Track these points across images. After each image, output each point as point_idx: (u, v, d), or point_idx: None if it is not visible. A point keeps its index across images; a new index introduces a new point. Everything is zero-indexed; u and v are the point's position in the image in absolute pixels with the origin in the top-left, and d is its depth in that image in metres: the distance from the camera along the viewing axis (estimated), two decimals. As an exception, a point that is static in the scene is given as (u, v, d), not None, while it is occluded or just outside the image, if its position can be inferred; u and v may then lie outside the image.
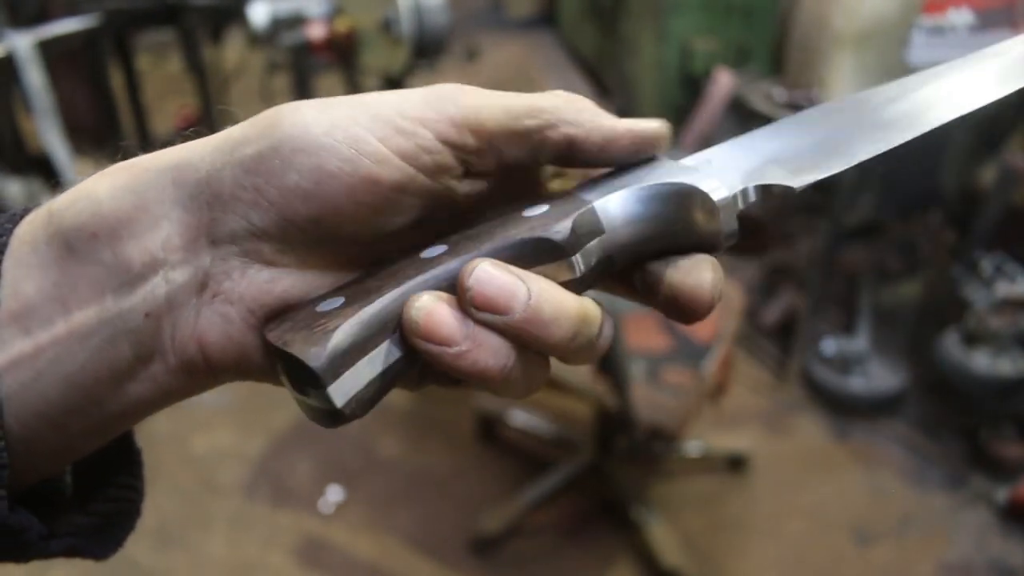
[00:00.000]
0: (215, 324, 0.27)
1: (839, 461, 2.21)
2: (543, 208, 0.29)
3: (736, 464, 2.16)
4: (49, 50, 2.54)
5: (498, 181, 0.31)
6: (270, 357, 0.28)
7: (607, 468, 2.05)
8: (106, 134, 3.44)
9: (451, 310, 0.26)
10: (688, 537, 1.95)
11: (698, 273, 0.29)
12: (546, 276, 0.28)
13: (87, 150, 3.11)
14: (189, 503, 2.07)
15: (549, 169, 0.34)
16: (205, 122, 3.99)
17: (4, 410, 0.25)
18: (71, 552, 0.29)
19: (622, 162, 0.31)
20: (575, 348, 0.28)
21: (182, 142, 0.29)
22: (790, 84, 2.73)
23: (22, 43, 2.39)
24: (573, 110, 0.30)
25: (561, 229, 0.28)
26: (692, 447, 2.17)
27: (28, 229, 0.27)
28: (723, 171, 0.31)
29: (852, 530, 1.99)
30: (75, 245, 0.26)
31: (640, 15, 3.96)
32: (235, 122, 0.30)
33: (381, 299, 0.27)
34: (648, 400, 1.69)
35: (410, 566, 1.90)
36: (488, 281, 0.26)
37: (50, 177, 2.40)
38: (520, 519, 1.96)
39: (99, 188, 0.27)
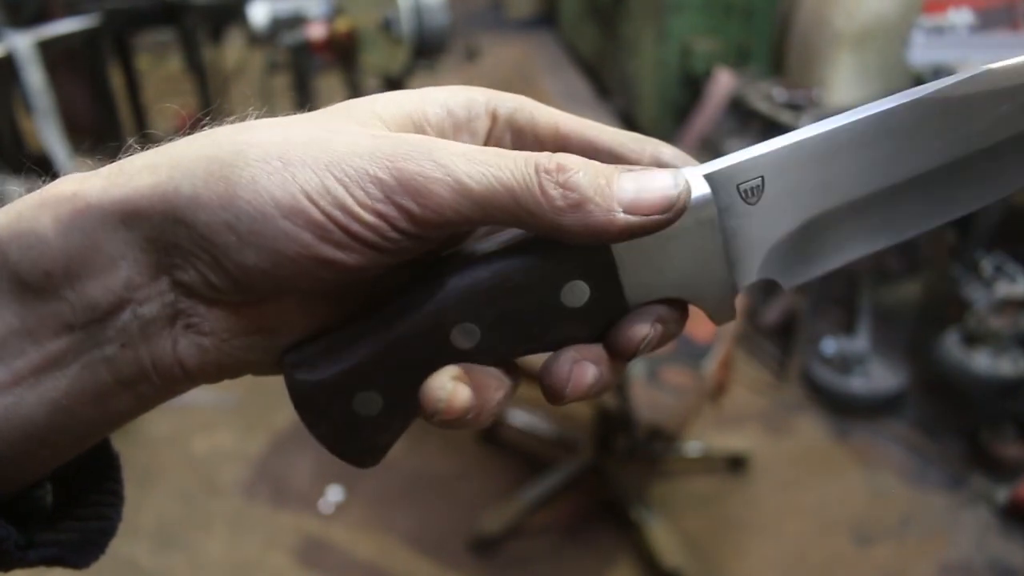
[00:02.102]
0: (192, 352, 0.27)
1: (839, 461, 2.21)
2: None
3: (736, 464, 2.16)
4: (49, 50, 2.54)
5: None
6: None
7: (607, 468, 2.05)
8: (106, 134, 3.44)
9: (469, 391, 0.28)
10: (688, 537, 1.95)
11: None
12: None
13: (87, 150, 3.11)
14: (189, 504, 2.07)
15: None
16: (204, 122, 4.00)
17: None
18: (51, 561, 0.28)
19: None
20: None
21: (124, 156, 0.28)
22: (790, 84, 2.73)
23: (22, 43, 2.39)
24: (558, 207, 0.27)
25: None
26: (692, 447, 2.17)
27: None
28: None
29: (852, 530, 1.98)
30: (31, 282, 0.25)
31: (640, 15, 3.96)
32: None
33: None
34: (648, 400, 1.69)
35: (410, 566, 1.90)
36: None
37: (50, 177, 2.40)
38: (520, 519, 1.96)
39: (43, 223, 0.25)
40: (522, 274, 0.28)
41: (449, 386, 0.28)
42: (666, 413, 1.68)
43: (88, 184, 0.26)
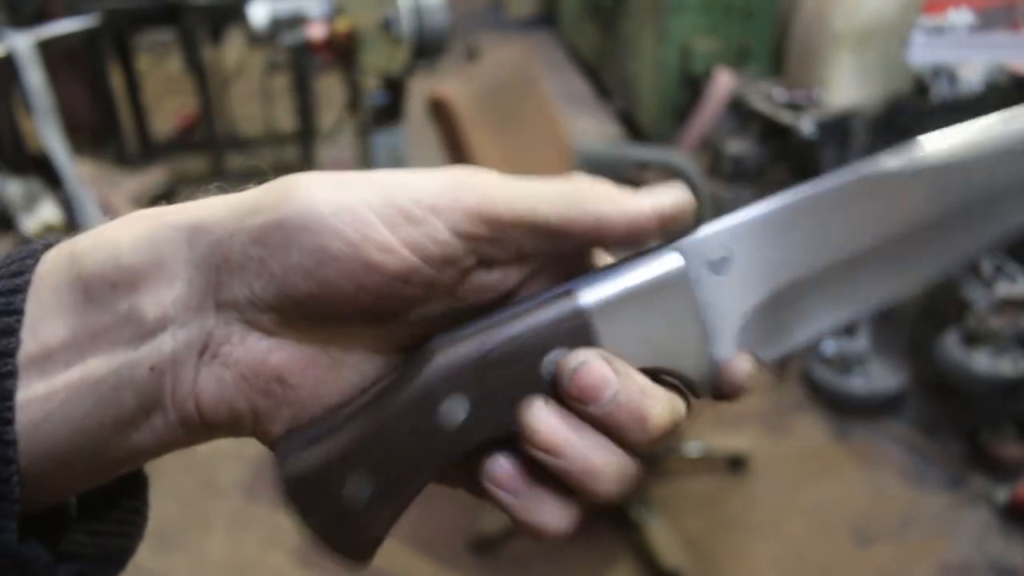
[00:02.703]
0: (210, 385, 0.28)
1: (839, 461, 2.21)
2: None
3: (736, 464, 2.16)
4: (49, 50, 2.54)
5: (536, 266, 0.30)
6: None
7: (607, 468, 2.05)
8: (106, 134, 3.44)
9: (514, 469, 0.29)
10: (688, 537, 1.95)
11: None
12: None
13: (87, 150, 3.11)
14: (189, 504, 2.07)
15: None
16: (205, 122, 3.99)
17: (17, 447, 0.26)
18: None
19: (648, 241, 0.30)
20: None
21: (203, 198, 0.29)
22: (790, 84, 2.73)
23: (22, 43, 2.39)
24: (593, 198, 0.28)
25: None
26: (692, 447, 2.17)
27: (51, 268, 0.27)
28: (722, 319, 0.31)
29: (852, 530, 1.99)
30: (94, 293, 0.27)
31: (640, 15, 3.96)
32: (233, 123, 0.30)
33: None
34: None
35: (410, 566, 1.90)
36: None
37: (50, 177, 2.40)
38: (520, 519, 1.96)
39: (121, 237, 0.27)
40: (504, 345, 0.28)
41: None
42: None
43: (171, 208, 0.28)
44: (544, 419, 0.28)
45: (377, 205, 0.27)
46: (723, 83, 2.88)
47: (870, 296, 0.32)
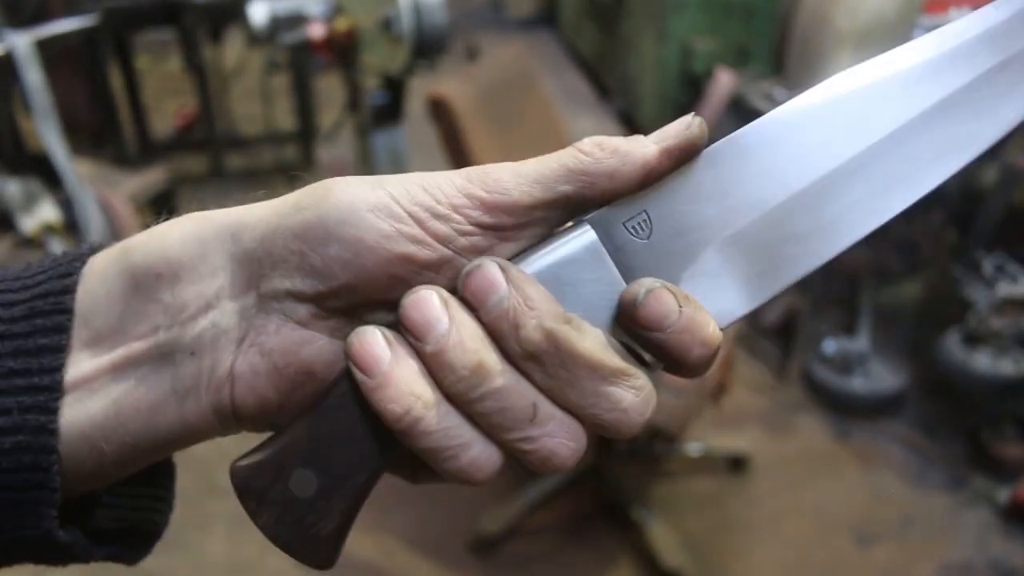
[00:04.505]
0: (245, 373, 0.30)
1: (839, 461, 2.20)
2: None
3: (736, 464, 2.16)
4: (48, 49, 2.54)
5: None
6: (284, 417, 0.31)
7: (607, 468, 2.05)
8: (105, 134, 3.44)
9: (384, 340, 0.28)
10: (688, 537, 1.95)
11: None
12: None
13: (86, 150, 3.11)
14: (189, 504, 2.07)
15: None
16: (205, 121, 3.98)
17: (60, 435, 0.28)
18: (110, 558, 0.31)
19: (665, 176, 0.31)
20: (469, 398, 0.28)
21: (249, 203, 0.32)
22: (790, 84, 2.73)
23: (21, 42, 2.38)
24: (602, 158, 0.30)
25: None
26: (692, 447, 2.17)
27: (102, 260, 0.30)
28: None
29: (852, 530, 1.98)
30: (141, 283, 0.29)
31: (640, 15, 3.96)
32: (233, 122, 0.30)
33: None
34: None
35: (410, 566, 1.89)
36: (414, 305, 0.28)
37: (49, 177, 2.39)
38: (520, 519, 1.95)
39: (170, 234, 0.30)
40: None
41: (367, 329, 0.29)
42: (666, 413, 1.68)
43: (219, 210, 0.31)
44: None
45: (407, 203, 0.29)
46: (723, 83, 2.88)
47: (797, 250, 0.32)
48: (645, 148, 0.30)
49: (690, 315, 0.29)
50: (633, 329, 0.29)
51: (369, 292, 0.29)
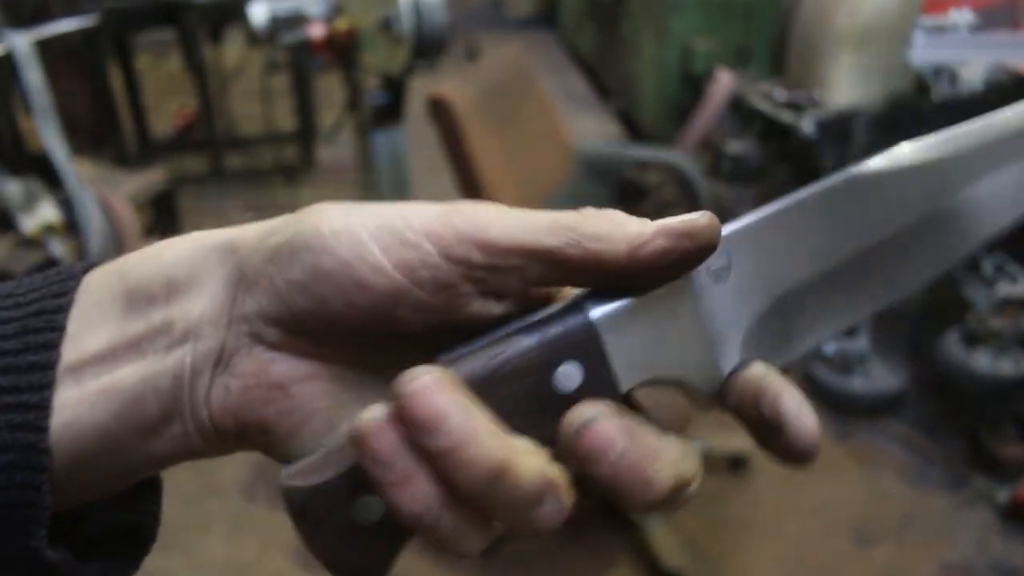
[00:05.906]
0: (219, 395, 0.29)
1: (840, 461, 2.20)
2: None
3: (736, 464, 2.16)
4: (48, 49, 2.54)
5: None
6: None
7: (607, 468, 2.05)
8: (105, 134, 3.44)
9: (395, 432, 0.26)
10: (689, 537, 1.95)
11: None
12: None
13: (86, 150, 3.11)
14: (189, 504, 2.07)
15: None
16: (205, 121, 3.98)
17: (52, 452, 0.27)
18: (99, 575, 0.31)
19: (655, 272, 0.29)
20: (495, 502, 0.27)
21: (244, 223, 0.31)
22: (790, 84, 2.73)
23: (21, 42, 2.38)
24: (595, 224, 0.28)
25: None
26: (692, 447, 2.17)
27: (101, 279, 0.30)
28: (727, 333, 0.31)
29: (852, 530, 1.98)
30: (134, 304, 0.29)
31: (640, 15, 3.96)
32: (233, 122, 0.30)
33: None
34: (648, 400, 1.68)
35: (410, 566, 1.89)
36: (422, 396, 0.26)
37: (49, 177, 2.39)
38: (520, 519, 1.95)
39: (166, 253, 0.30)
40: (513, 360, 0.28)
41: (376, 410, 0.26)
42: (666, 413, 1.68)
43: (217, 230, 0.31)
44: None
45: (374, 228, 0.28)
46: (723, 83, 2.88)
47: (870, 298, 0.32)
48: (643, 222, 0.28)
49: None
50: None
51: (328, 318, 0.28)
